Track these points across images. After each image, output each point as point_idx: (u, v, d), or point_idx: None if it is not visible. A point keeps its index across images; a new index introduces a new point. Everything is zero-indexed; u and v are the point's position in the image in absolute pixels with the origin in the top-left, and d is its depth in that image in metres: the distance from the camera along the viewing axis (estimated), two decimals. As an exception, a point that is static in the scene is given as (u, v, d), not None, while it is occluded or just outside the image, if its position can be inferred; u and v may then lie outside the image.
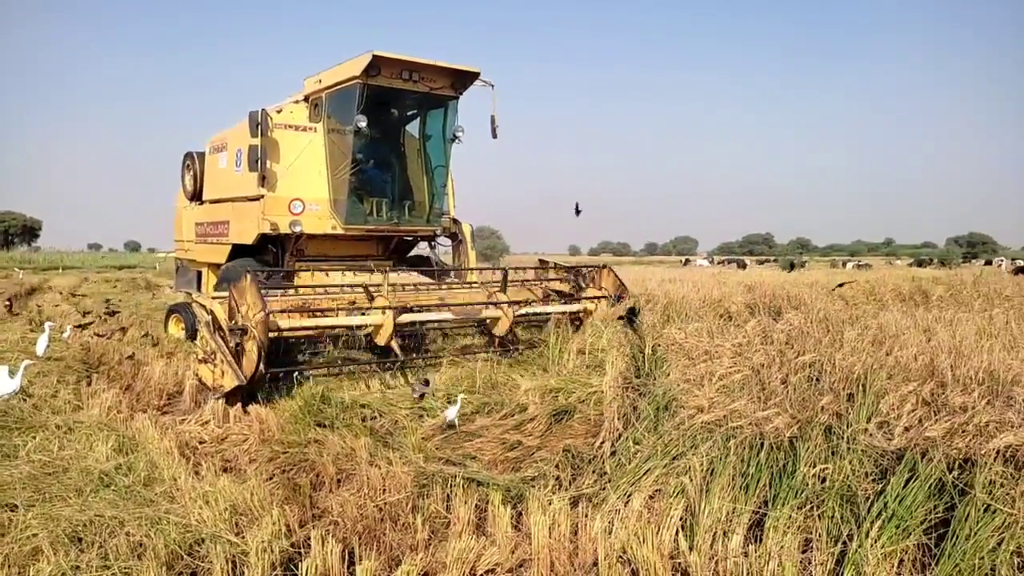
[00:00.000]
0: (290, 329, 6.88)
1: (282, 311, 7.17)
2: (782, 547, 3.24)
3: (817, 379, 4.04)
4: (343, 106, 9.27)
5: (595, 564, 3.55)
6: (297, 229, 9.08)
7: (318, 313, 7.30)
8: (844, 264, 59.78)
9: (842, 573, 3.04)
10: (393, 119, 10.14)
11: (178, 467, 4.37)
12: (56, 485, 4.06)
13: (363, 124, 8.95)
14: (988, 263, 49.81)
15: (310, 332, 7.27)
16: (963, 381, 3.51)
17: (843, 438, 3.53)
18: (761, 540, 3.36)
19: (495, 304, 7.79)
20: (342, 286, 7.79)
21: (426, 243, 10.85)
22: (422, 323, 7.59)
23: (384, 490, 4.49)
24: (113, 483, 4.09)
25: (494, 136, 9.81)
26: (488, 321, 7.86)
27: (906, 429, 3.40)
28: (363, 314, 7.23)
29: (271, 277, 8.42)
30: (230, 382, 6.13)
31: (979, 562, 2.80)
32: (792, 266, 47.78)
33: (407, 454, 4.99)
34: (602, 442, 4.54)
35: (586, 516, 3.73)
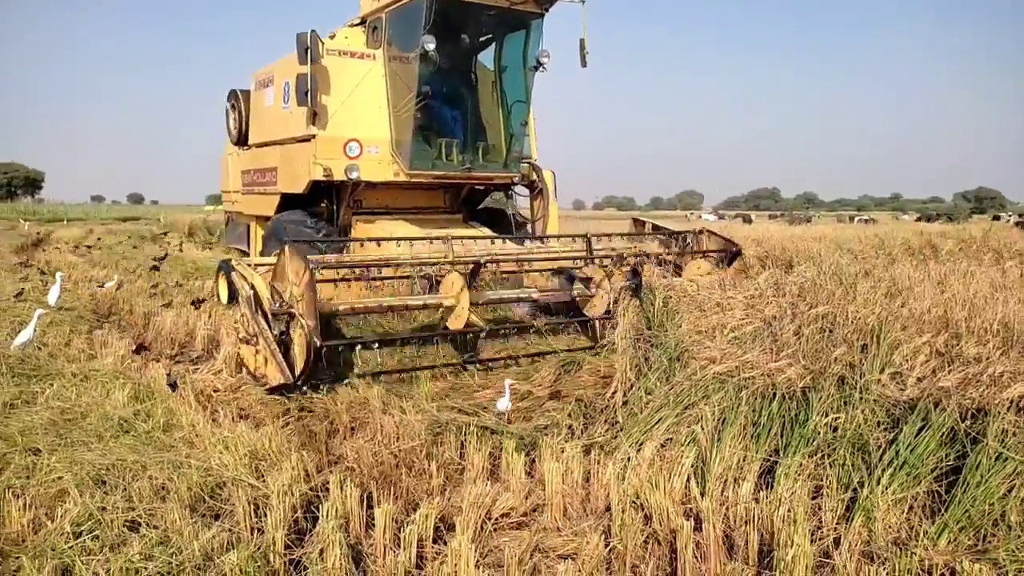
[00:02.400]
0: (347, 312, 5.80)
1: (337, 281, 6.26)
2: (793, 493, 3.29)
3: (830, 331, 4.06)
4: (407, 27, 7.83)
5: (607, 509, 3.62)
6: (354, 175, 7.70)
7: (377, 289, 6.33)
8: (851, 219, 59.37)
9: (852, 518, 3.10)
10: (465, 44, 8.59)
11: (195, 414, 4.44)
12: (76, 431, 4.14)
13: (431, 47, 7.39)
14: (996, 218, 49.44)
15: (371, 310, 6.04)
16: (977, 332, 3.52)
17: (856, 388, 3.55)
18: (772, 487, 3.41)
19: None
20: (408, 263, 6.29)
21: (501, 193, 9.52)
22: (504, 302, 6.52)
23: (398, 438, 4.56)
24: (133, 429, 4.16)
25: (584, 64, 8.21)
26: (578, 299, 6.61)
27: (919, 379, 3.42)
28: (433, 288, 6.14)
29: (324, 235, 7.57)
30: (274, 376, 5.19)
31: (989, 508, 2.85)
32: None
33: (420, 403, 5.05)
34: (614, 392, 4.59)
35: (598, 463, 3.79)
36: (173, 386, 5.19)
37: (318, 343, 5.02)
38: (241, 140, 10.08)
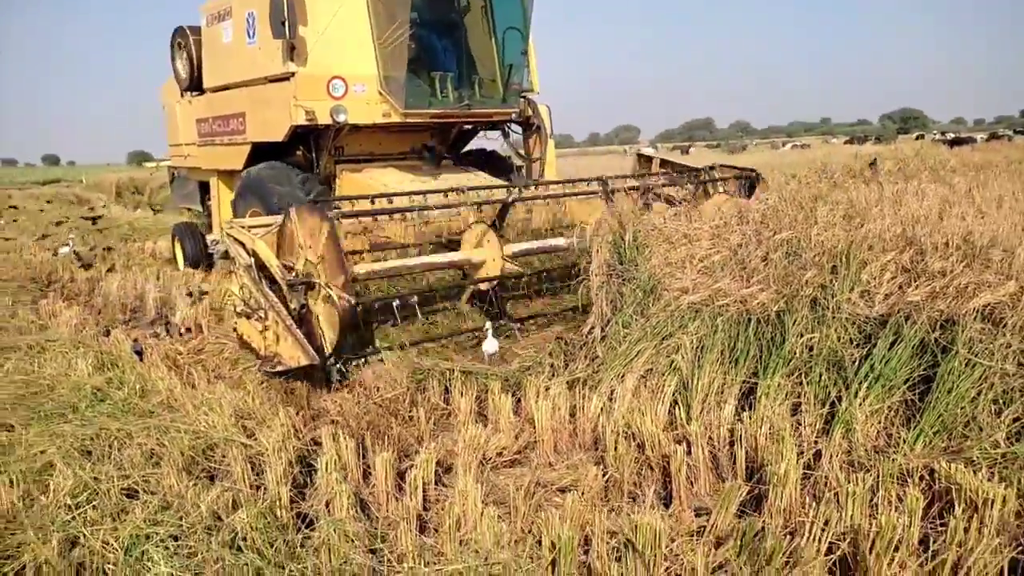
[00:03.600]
0: (369, 276, 5.04)
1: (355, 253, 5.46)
2: (774, 412, 3.44)
3: (797, 255, 4.18)
4: None
5: (595, 443, 3.73)
6: (341, 118, 6.69)
7: (396, 248, 5.73)
8: (784, 144, 60.65)
9: (831, 431, 3.26)
10: None
11: (170, 378, 4.34)
12: (48, 403, 4.01)
13: None
14: (920, 137, 51.19)
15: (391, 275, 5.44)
16: (940, 247, 3.68)
17: (828, 308, 3.69)
18: (754, 408, 3.55)
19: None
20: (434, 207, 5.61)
21: (493, 131, 8.58)
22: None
23: (378, 388, 4.58)
24: (108, 397, 4.06)
25: None
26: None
27: (888, 296, 3.57)
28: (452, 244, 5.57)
29: (309, 186, 6.71)
30: (293, 357, 4.53)
31: (960, 411, 3.04)
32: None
33: (397, 352, 5.04)
34: (591, 328, 4.66)
35: (583, 398, 3.87)
36: (139, 354, 5.04)
37: (352, 301, 4.41)
38: (194, 85, 8.88)
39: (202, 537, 2.55)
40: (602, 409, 3.76)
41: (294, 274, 4.75)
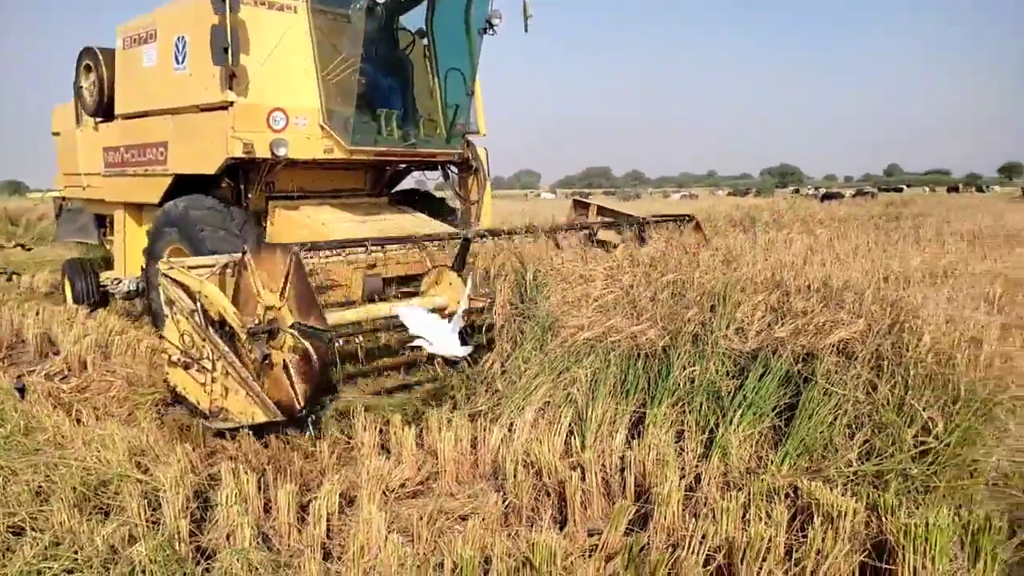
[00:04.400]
0: (340, 326, 4.80)
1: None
2: (660, 439, 3.71)
3: (682, 295, 4.54)
4: None
5: (495, 472, 3.88)
6: (282, 152, 6.30)
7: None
8: (674, 194, 63.90)
9: (710, 455, 3.56)
10: None
11: (56, 416, 4.17)
12: (-82, 443, 3.77)
13: None
14: (796, 191, 55.23)
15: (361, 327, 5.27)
16: (803, 290, 4.11)
17: (708, 344, 4.04)
18: (642, 435, 3.82)
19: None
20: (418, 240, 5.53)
21: (430, 172, 8.39)
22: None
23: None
24: (-12, 436, 3.85)
25: (526, 29, 7.40)
26: None
27: (758, 332, 3.95)
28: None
29: (246, 226, 6.32)
30: (249, 413, 4.27)
31: (819, 435, 3.40)
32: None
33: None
34: (491, 363, 4.84)
35: (484, 430, 4.03)
36: (21, 391, 4.80)
37: (329, 338, 4.13)
38: (101, 110, 8.22)
39: (99, 571, 2.51)
40: (502, 440, 3.93)
41: (254, 320, 4.43)
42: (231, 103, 6.24)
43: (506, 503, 3.42)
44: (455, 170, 8.12)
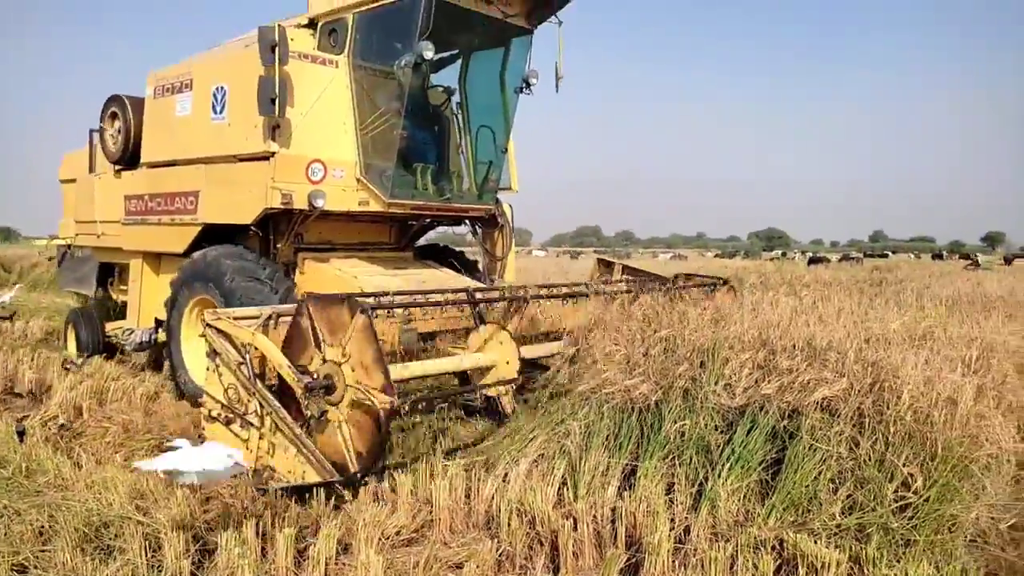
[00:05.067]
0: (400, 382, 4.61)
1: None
2: (651, 491, 3.81)
3: (673, 351, 4.69)
4: (383, 32, 6.77)
5: (488, 522, 3.95)
6: (320, 203, 6.30)
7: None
8: (663, 254, 64.79)
9: (700, 507, 3.66)
10: (445, 56, 7.59)
11: (57, 458, 4.23)
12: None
13: (429, 54, 6.35)
14: (783, 254, 56.11)
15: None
16: (788, 349, 4.27)
17: (697, 399, 4.17)
18: (634, 487, 3.92)
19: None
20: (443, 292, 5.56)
21: (450, 229, 8.46)
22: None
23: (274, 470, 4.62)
24: (-10, 477, 3.91)
25: (556, 90, 7.37)
26: None
27: (746, 389, 4.09)
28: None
29: (277, 278, 6.32)
30: (300, 473, 4.13)
31: (805, 489, 3.51)
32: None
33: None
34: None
35: (479, 480, 4.11)
36: (21, 434, 4.85)
37: (394, 404, 3.95)
38: (125, 158, 8.24)
39: (104, 608, 2.56)
40: (496, 489, 4.01)
41: (313, 375, 4.24)
42: (272, 153, 6.24)
43: (499, 551, 3.49)
44: (479, 226, 8.12)
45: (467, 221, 8.07)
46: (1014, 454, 3.76)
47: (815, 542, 3.15)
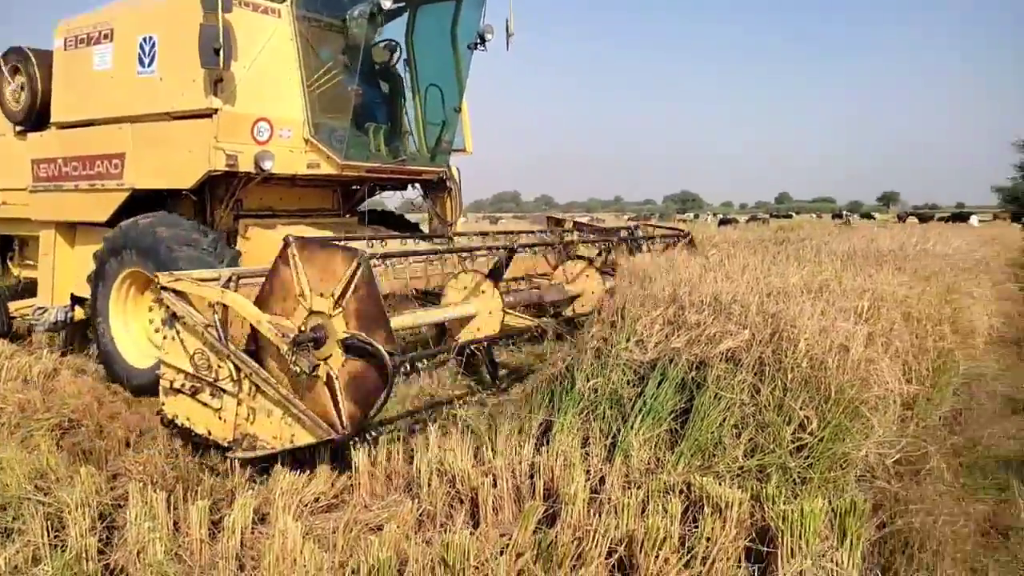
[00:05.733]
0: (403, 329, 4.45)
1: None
2: (567, 446, 3.92)
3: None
4: None
5: (409, 484, 3.98)
6: (267, 165, 5.88)
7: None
8: (582, 218, 65.82)
9: (614, 458, 3.79)
10: (397, 11, 7.23)
11: (-56, 442, 3.98)
12: None
13: (388, 3, 6.11)
14: (696, 216, 57.87)
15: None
16: (696, 304, 4.43)
17: (609, 356, 4.29)
18: (550, 442, 4.02)
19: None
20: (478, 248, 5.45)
21: (398, 193, 8.13)
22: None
23: (183, 446, 4.50)
24: None
25: (507, 47, 7.18)
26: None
27: (657, 344, 4.24)
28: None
29: (221, 247, 5.88)
30: (289, 436, 3.87)
31: (710, 435, 3.69)
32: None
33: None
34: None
35: (399, 442, 4.12)
36: None
37: (397, 357, 3.68)
38: (31, 118, 7.37)
39: (3, 590, 2.46)
40: (416, 452, 4.03)
41: (303, 326, 3.90)
42: (215, 110, 5.73)
43: (420, 511, 3.53)
44: (420, 189, 7.84)
45: (416, 185, 7.80)
46: (899, 395, 4.04)
47: (719, 484, 3.31)
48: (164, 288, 4.24)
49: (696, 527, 3.08)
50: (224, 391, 4.05)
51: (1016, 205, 36.05)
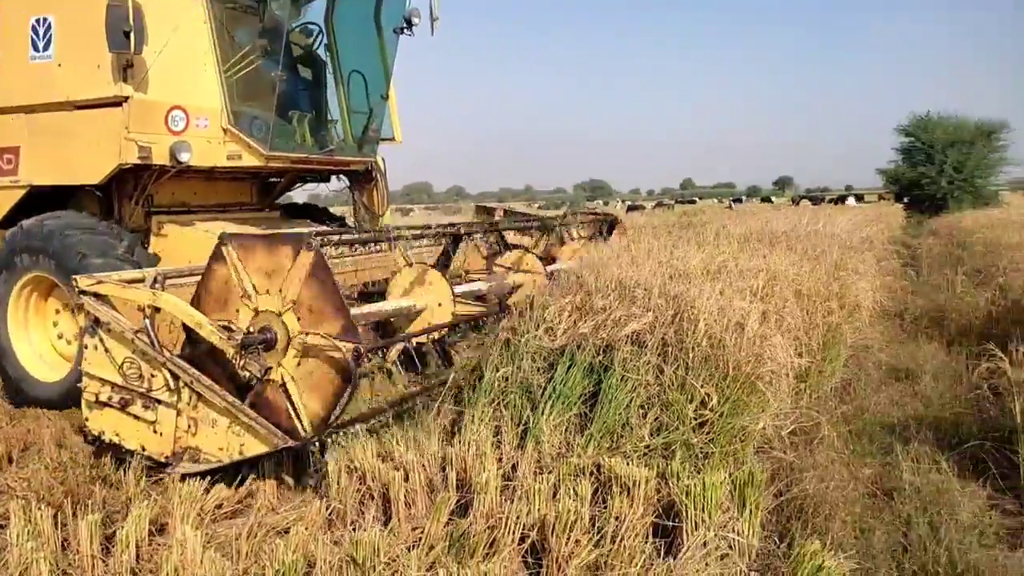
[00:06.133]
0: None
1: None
2: (479, 436, 3.92)
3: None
4: None
5: (317, 484, 3.88)
6: (185, 158, 5.51)
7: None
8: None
9: (525, 444, 3.82)
10: None
11: None
12: None
13: None
14: (605, 204, 59.15)
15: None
16: (602, 289, 4.51)
17: (519, 345, 4.31)
18: (461, 433, 4.00)
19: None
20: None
21: (323, 185, 7.74)
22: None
23: (72, 459, 4.24)
24: None
25: (432, 32, 6.95)
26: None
27: (565, 330, 4.29)
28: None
29: (131, 245, 5.42)
30: (238, 447, 3.61)
31: (618, 417, 3.77)
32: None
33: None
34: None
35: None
36: None
37: (361, 348, 3.40)
38: None
39: None
40: (332, 446, 3.93)
41: (250, 325, 3.64)
42: (125, 98, 5.31)
43: (330, 510, 3.45)
44: (345, 180, 7.58)
45: (341, 176, 7.53)
46: (792, 368, 4.25)
47: (627, 463, 3.39)
48: (84, 292, 3.87)
49: (606, 507, 3.15)
50: (159, 402, 3.73)
51: (898, 186, 38.41)
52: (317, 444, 3.82)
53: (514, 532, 2.96)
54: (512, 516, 3.02)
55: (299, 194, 8.08)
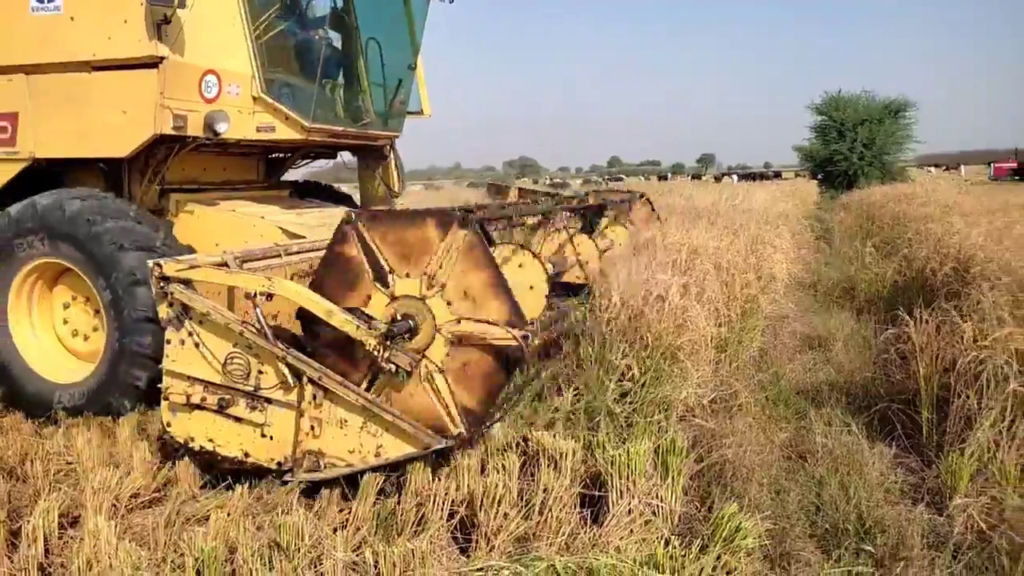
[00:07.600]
0: None
1: None
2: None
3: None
4: None
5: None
6: (222, 128, 4.92)
7: None
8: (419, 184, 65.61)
9: (454, 422, 3.80)
10: None
11: None
12: None
13: None
14: (535, 182, 59.46)
15: None
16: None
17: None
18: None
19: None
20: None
21: (325, 161, 7.20)
22: None
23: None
24: None
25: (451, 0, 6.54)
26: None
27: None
28: None
29: (168, 237, 4.87)
30: (377, 448, 3.19)
31: (543, 390, 3.81)
32: None
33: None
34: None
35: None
36: None
37: (533, 334, 3.17)
38: None
39: None
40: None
41: (392, 312, 3.27)
42: (161, 59, 4.64)
43: (253, 496, 3.37)
44: (347, 159, 7.10)
45: (349, 152, 7.02)
46: (712, 339, 4.39)
47: (554, 436, 3.43)
48: (166, 279, 3.40)
49: (533, 480, 3.18)
50: (271, 401, 3.31)
51: (813, 163, 39.93)
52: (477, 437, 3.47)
53: (443, 509, 2.96)
54: (440, 493, 3.01)
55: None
